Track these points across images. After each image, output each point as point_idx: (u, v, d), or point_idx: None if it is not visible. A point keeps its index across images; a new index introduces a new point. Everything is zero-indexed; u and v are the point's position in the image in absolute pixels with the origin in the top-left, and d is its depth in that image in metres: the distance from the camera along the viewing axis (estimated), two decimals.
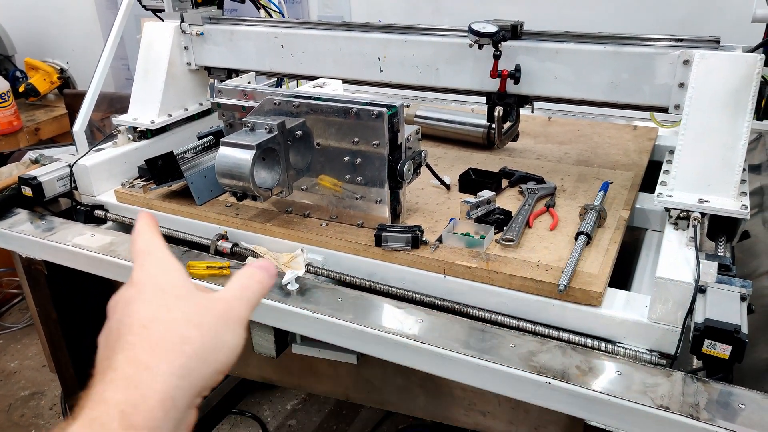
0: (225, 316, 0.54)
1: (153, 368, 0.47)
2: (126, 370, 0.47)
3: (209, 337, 0.52)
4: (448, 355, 1.08)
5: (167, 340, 0.49)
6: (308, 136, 1.38)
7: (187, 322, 0.51)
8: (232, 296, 0.56)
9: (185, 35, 1.85)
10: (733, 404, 0.92)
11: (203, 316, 0.53)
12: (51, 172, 1.70)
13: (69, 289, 1.71)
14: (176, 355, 0.49)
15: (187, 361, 0.49)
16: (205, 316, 0.53)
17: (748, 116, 1.18)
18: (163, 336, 0.49)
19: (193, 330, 0.51)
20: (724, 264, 1.09)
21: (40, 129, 3.69)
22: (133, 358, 0.48)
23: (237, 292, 0.57)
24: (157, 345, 0.49)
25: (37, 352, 3.42)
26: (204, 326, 0.52)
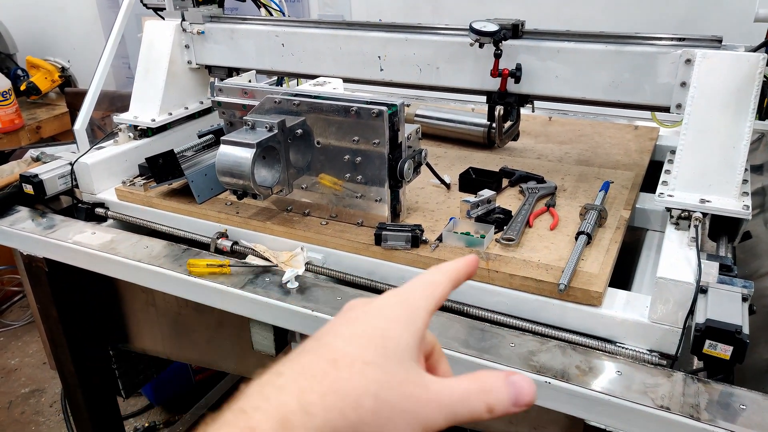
0: (415, 414, 0.42)
1: (308, 413, 0.40)
2: (284, 398, 0.40)
3: (378, 419, 0.41)
4: (447, 354, 1.07)
5: (339, 392, 0.41)
6: (308, 135, 1.38)
7: (370, 391, 0.41)
8: (447, 402, 0.44)
9: (186, 34, 1.85)
10: (733, 405, 0.91)
11: (391, 394, 0.42)
12: (52, 170, 1.71)
13: (70, 286, 1.71)
14: (336, 413, 0.40)
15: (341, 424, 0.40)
16: (394, 395, 0.42)
17: (750, 116, 1.17)
18: (338, 386, 0.41)
19: (369, 400, 0.41)
20: (726, 264, 1.09)
21: (42, 127, 3.69)
22: (296, 390, 0.41)
23: (456, 399, 0.44)
24: (326, 392, 0.41)
25: (38, 349, 3.43)
26: (383, 406, 0.42)
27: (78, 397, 1.88)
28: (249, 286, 1.29)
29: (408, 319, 0.48)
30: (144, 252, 1.44)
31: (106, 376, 1.92)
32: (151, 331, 1.72)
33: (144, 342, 1.77)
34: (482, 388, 0.45)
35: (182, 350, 1.71)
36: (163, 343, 1.73)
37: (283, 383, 0.41)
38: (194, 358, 1.76)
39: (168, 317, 1.66)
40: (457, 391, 0.44)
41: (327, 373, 0.41)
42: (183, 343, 1.69)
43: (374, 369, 0.42)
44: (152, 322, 1.70)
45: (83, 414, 1.91)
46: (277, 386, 0.41)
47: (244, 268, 1.35)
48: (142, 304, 1.69)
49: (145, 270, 1.40)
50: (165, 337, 1.71)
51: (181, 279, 1.35)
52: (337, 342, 0.44)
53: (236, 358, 1.60)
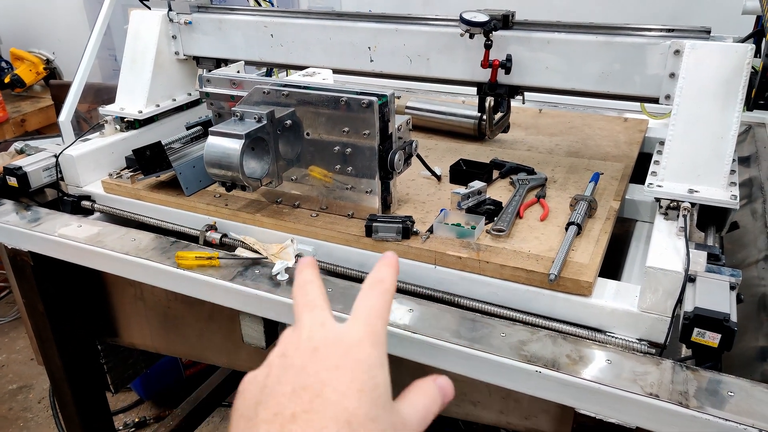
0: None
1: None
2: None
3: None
4: (438, 345, 1.08)
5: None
6: (298, 126, 1.37)
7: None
8: (420, 423, 0.50)
9: (173, 24, 1.83)
10: (722, 392, 0.92)
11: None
12: (36, 162, 1.68)
13: (56, 280, 1.69)
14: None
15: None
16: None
17: (738, 106, 1.18)
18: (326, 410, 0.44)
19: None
20: (714, 253, 1.09)
21: (26, 120, 3.64)
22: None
23: (422, 417, 0.50)
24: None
25: (25, 345, 3.39)
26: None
27: (66, 392, 1.86)
28: (238, 279, 1.28)
29: (383, 358, 0.50)
30: (131, 245, 1.43)
31: (94, 371, 1.90)
32: (140, 325, 1.71)
33: (133, 336, 1.76)
34: (431, 398, 0.52)
35: (172, 344, 1.70)
36: (152, 337, 1.71)
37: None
38: (184, 351, 1.75)
39: (157, 311, 1.64)
40: (420, 411, 0.50)
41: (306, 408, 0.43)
42: (172, 336, 1.68)
43: (379, 425, 0.45)
44: (141, 315, 1.69)
45: (71, 410, 1.89)
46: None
47: (233, 260, 1.34)
48: (130, 298, 1.68)
49: (132, 263, 1.39)
50: (154, 331, 1.70)
51: (170, 272, 1.34)
52: (339, 398, 0.44)
53: (226, 352, 1.60)
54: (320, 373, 0.46)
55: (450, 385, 0.54)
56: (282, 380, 0.47)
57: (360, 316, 0.53)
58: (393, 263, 0.58)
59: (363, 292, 0.56)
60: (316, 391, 0.45)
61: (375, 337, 0.51)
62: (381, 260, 0.58)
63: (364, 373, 0.47)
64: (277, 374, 0.48)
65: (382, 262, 0.58)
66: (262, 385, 0.48)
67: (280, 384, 0.47)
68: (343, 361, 0.48)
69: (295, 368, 0.48)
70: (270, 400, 0.46)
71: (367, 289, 0.56)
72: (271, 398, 0.46)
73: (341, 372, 0.46)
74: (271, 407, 0.45)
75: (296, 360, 0.49)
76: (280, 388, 0.46)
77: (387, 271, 0.57)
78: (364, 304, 0.55)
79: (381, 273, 0.57)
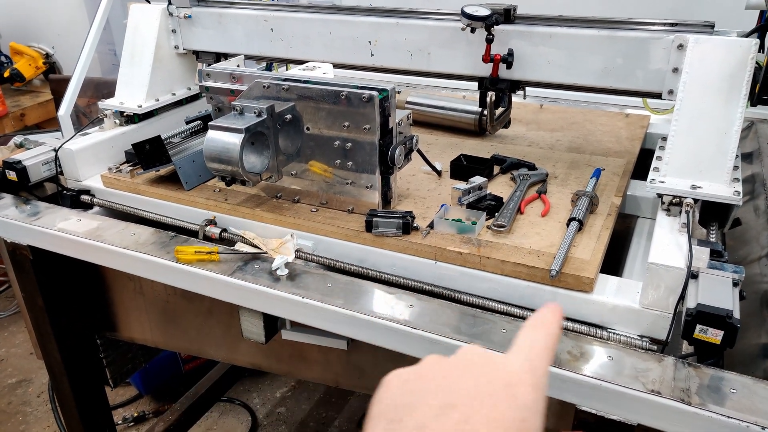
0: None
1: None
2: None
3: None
4: (439, 341, 1.07)
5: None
6: (298, 121, 1.36)
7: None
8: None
9: (173, 18, 1.82)
10: (724, 389, 0.92)
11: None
12: (36, 156, 1.68)
13: (55, 275, 1.69)
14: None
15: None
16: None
17: (742, 101, 1.17)
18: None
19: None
20: (717, 250, 1.09)
21: (26, 115, 3.63)
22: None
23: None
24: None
25: (25, 339, 3.39)
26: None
27: (65, 387, 1.85)
28: (238, 273, 1.27)
29: (540, 404, 0.46)
30: (131, 239, 1.42)
31: (93, 365, 1.90)
32: (139, 320, 1.71)
33: (132, 331, 1.75)
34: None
35: (171, 339, 1.69)
36: (151, 332, 1.71)
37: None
38: (183, 346, 1.74)
39: (156, 305, 1.64)
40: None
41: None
42: (171, 331, 1.67)
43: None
44: (140, 310, 1.68)
45: (70, 404, 1.89)
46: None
47: (233, 255, 1.33)
48: (130, 292, 1.67)
49: (132, 257, 1.38)
50: (153, 325, 1.69)
51: (169, 266, 1.33)
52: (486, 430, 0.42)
53: (226, 346, 1.59)
54: (471, 396, 0.44)
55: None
56: (431, 389, 0.45)
57: (522, 351, 0.49)
58: (558, 310, 0.54)
59: (525, 330, 0.51)
60: (464, 415, 0.42)
61: (535, 378, 0.47)
62: (546, 306, 0.54)
63: (516, 413, 0.44)
64: (428, 381, 0.46)
65: (548, 307, 0.54)
66: (411, 388, 0.46)
67: (429, 393, 0.45)
68: (497, 392, 0.44)
69: (446, 380, 0.46)
70: (416, 409, 0.44)
71: (530, 328, 0.52)
72: (417, 407, 0.44)
73: (493, 404, 0.43)
74: (416, 417, 0.43)
75: (450, 370, 0.46)
76: (428, 399, 0.44)
77: (552, 316, 0.53)
78: (525, 342, 0.50)
79: (545, 316, 0.53)
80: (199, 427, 2.82)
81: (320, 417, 2.90)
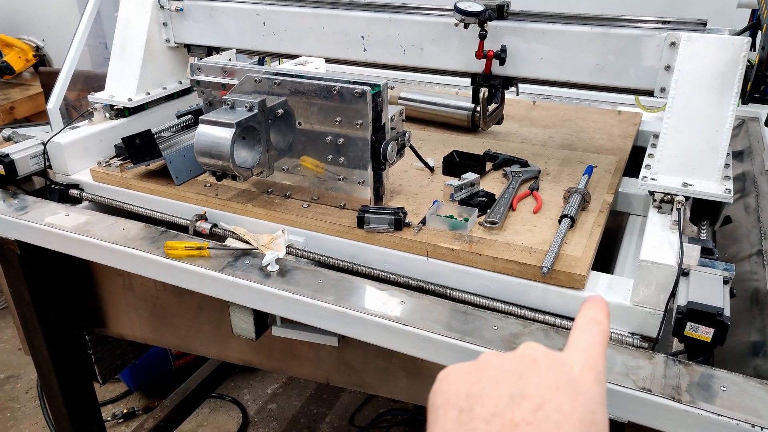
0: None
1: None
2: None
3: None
4: (430, 337, 1.07)
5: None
6: (290, 115, 1.35)
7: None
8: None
9: (164, 11, 1.80)
10: (714, 386, 0.92)
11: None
12: (24, 150, 1.66)
13: (43, 270, 1.67)
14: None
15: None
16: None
17: (734, 99, 1.17)
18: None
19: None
20: (707, 247, 1.09)
21: (15, 108, 3.59)
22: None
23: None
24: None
25: (13, 335, 3.36)
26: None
27: (53, 383, 1.84)
28: (228, 269, 1.27)
29: (604, 397, 0.46)
30: (120, 234, 1.41)
31: (81, 361, 1.88)
32: (129, 316, 1.69)
33: (121, 327, 1.74)
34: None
35: (161, 335, 1.68)
36: (140, 328, 1.70)
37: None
38: (173, 342, 1.73)
39: (146, 301, 1.63)
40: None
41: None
42: (161, 327, 1.66)
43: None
44: (129, 306, 1.67)
45: (58, 400, 1.88)
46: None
47: (223, 250, 1.32)
48: (119, 288, 1.66)
49: (121, 252, 1.37)
50: (143, 321, 1.68)
51: (159, 262, 1.32)
52: (561, 421, 0.42)
53: (216, 343, 1.58)
54: (540, 387, 0.44)
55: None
56: (498, 381, 0.45)
57: (580, 349, 0.49)
58: (604, 306, 0.54)
59: (579, 328, 0.51)
60: (537, 404, 0.42)
61: (597, 373, 0.47)
62: (591, 301, 0.54)
63: (585, 405, 0.44)
64: (492, 373, 0.46)
65: (594, 303, 0.54)
66: (475, 379, 0.46)
67: (497, 384, 0.44)
68: (564, 384, 0.44)
69: (511, 373, 0.45)
70: (486, 398, 0.43)
71: (584, 326, 0.51)
72: (487, 396, 0.43)
73: (562, 395, 0.43)
74: (487, 406, 0.43)
75: (514, 364, 0.46)
76: (497, 389, 0.44)
77: (601, 313, 0.53)
78: (582, 339, 0.50)
79: (595, 313, 0.53)
80: (190, 424, 2.80)
81: (311, 413, 2.89)
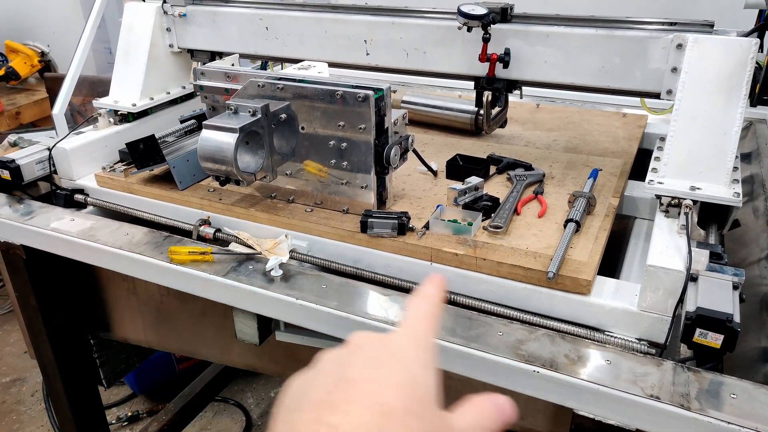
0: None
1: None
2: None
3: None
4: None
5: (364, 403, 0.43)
6: (293, 120, 1.35)
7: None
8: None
9: (167, 16, 1.80)
10: (723, 394, 0.90)
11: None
12: (29, 155, 1.66)
13: (49, 274, 1.67)
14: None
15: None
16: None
17: (742, 102, 1.16)
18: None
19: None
20: (716, 252, 1.07)
21: (21, 113, 3.61)
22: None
23: (466, 426, 0.47)
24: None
25: (19, 338, 3.37)
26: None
27: (58, 386, 1.84)
28: (232, 274, 1.26)
29: (426, 360, 0.48)
30: (124, 239, 1.41)
31: (86, 365, 1.88)
32: (133, 320, 1.69)
33: (125, 331, 1.74)
34: (486, 415, 0.48)
35: (164, 339, 1.68)
36: (144, 332, 1.69)
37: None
38: (177, 347, 1.73)
39: (150, 306, 1.62)
40: (472, 424, 0.47)
41: (381, 428, 0.42)
42: (165, 332, 1.66)
43: (418, 421, 0.43)
44: (134, 310, 1.67)
45: (64, 404, 1.88)
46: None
47: (227, 255, 1.32)
48: (123, 293, 1.65)
49: (125, 257, 1.36)
50: (147, 325, 1.68)
51: (163, 267, 1.32)
52: (377, 389, 0.44)
53: (219, 347, 1.58)
54: (361, 367, 0.47)
55: (510, 406, 0.51)
56: (325, 373, 0.48)
57: (405, 325, 0.52)
58: (438, 280, 0.57)
59: (408, 305, 0.55)
60: (354, 382, 0.45)
61: (419, 340, 0.50)
62: (427, 278, 0.57)
63: (403, 369, 0.46)
64: (321, 367, 0.49)
65: (429, 279, 0.57)
66: (307, 378, 0.49)
67: (323, 376, 0.47)
68: (385, 359, 0.47)
69: (338, 362, 0.48)
70: (311, 392, 0.46)
71: (412, 301, 0.55)
72: (312, 390, 0.46)
73: (381, 367, 0.46)
74: (311, 398, 0.45)
75: (341, 354, 0.49)
76: (323, 380, 0.47)
77: (432, 287, 0.56)
78: (409, 315, 0.53)
79: (426, 288, 0.56)
80: (194, 427, 2.80)
81: None
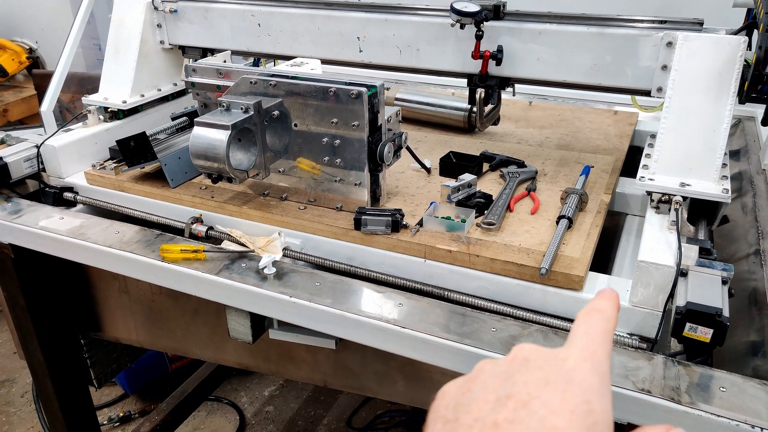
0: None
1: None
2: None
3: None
4: (428, 340, 1.06)
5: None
6: (285, 117, 1.35)
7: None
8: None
9: (158, 12, 1.79)
10: (713, 387, 0.92)
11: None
12: (17, 153, 1.64)
13: (38, 274, 1.66)
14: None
15: None
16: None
17: (731, 99, 1.17)
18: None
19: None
20: (705, 248, 1.08)
21: (9, 110, 3.58)
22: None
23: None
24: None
25: (8, 338, 3.34)
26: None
27: (48, 387, 1.82)
28: (225, 272, 1.26)
29: (603, 387, 0.45)
30: (115, 237, 1.40)
31: (77, 366, 1.87)
32: (124, 320, 1.68)
33: (117, 330, 1.73)
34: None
35: (157, 338, 1.67)
36: (136, 332, 1.68)
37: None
38: (169, 346, 1.72)
39: (141, 305, 1.62)
40: None
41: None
42: (157, 331, 1.65)
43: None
44: (125, 309, 1.66)
45: (54, 405, 1.86)
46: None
47: (219, 253, 1.32)
48: (114, 292, 1.64)
49: (116, 256, 1.36)
50: (138, 325, 1.67)
51: (154, 265, 1.31)
52: (548, 414, 0.41)
53: (213, 346, 1.57)
54: (528, 384, 0.43)
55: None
56: (487, 386, 0.44)
57: (577, 341, 0.48)
58: (613, 297, 0.52)
59: (579, 319, 0.50)
60: (522, 401, 0.42)
61: (595, 363, 0.45)
62: (599, 293, 0.53)
63: (578, 395, 0.42)
64: (483, 380, 0.46)
65: (601, 294, 0.53)
66: (466, 389, 0.46)
67: (485, 390, 0.44)
68: (555, 378, 0.43)
69: (501, 376, 0.45)
70: (472, 405, 0.43)
71: (584, 316, 0.50)
72: (474, 403, 0.43)
73: (552, 388, 0.42)
74: (472, 412, 0.42)
75: (504, 367, 0.46)
76: (484, 395, 0.44)
77: (606, 303, 0.51)
78: (581, 330, 0.49)
79: (599, 303, 0.51)
80: (187, 427, 2.79)
81: (309, 415, 2.88)
